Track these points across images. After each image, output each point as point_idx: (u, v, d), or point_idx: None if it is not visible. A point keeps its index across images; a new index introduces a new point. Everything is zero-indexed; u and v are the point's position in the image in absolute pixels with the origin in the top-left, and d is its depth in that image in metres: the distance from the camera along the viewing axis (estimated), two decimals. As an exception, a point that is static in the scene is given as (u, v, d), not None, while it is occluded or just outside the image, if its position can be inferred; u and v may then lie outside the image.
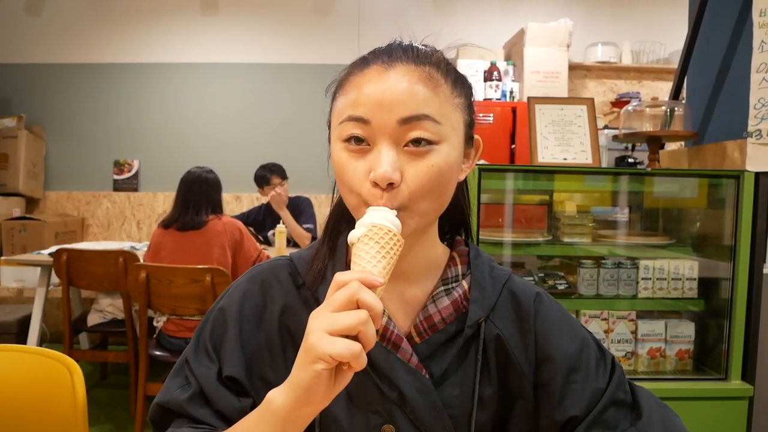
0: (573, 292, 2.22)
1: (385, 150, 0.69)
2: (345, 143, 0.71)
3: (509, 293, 0.82)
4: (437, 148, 0.70)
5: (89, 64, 4.87)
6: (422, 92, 0.70)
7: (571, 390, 0.78)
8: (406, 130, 0.69)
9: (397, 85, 0.70)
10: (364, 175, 0.70)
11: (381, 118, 0.69)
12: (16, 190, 4.56)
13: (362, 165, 0.70)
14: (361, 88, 0.71)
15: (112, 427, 2.97)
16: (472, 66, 4.08)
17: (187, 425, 0.75)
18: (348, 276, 0.60)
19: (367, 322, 0.58)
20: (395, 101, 0.69)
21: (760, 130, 2.00)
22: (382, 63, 0.72)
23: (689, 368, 2.19)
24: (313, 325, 0.59)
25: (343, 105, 0.73)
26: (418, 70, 0.71)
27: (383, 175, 0.68)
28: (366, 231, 0.65)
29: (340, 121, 0.72)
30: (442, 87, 0.72)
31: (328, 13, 4.87)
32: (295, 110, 4.78)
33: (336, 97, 0.76)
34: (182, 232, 2.76)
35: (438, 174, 0.70)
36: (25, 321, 3.60)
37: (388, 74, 0.71)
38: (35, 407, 1.06)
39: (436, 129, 0.70)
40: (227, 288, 0.85)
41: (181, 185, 2.86)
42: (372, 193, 0.69)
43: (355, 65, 0.75)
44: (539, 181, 2.27)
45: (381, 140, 0.70)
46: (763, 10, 2.01)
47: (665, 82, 4.60)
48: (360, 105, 0.70)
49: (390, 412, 0.76)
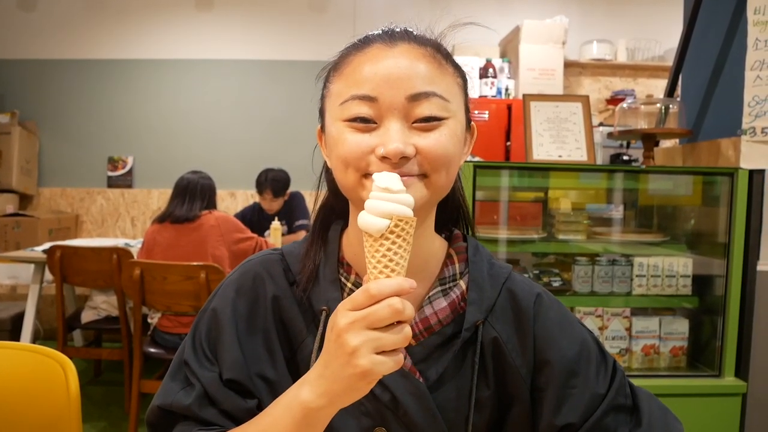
0: (568, 289, 2.23)
1: (394, 126, 0.67)
2: (348, 122, 0.69)
3: (508, 293, 0.80)
4: (446, 122, 0.70)
5: (83, 60, 4.85)
6: (428, 70, 0.69)
7: (570, 395, 0.76)
8: (414, 107, 0.68)
9: (402, 61, 0.69)
10: (368, 149, 0.68)
11: (389, 95, 0.67)
12: (9, 187, 4.54)
13: (367, 139, 0.68)
14: (363, 66, 0.69)
15: (106, 424, 2.97)
16: (467, 63, 4.08)
17: (196, 428, 0.73)
18: (385, 289, 0.59)
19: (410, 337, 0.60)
20: (402, 77, 0.68)
21: (755, 127, 2.01)
22: (383, 42, 0.71)
23: (683, 365, 2.20)
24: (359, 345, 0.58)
25: (342, 86, 0.71)
26: (421, 49, 0.71)
27: (395, 149, 0.66)
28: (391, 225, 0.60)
29: (341, 101, 0.70)
30: (445, 66, 0.72)
31: (323, 10, 4.85)
32: (289, 107, 4.77)
33: (331, 80, 0.74)
34: (176, 225, 2.76)
35: (450, 144, 0.70)
36: (18, 318, 3.59)
37: (392, 51, 0.69)
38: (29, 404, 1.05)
39: (444, 105, 0.69)
40: (220, 284, 0.83)
41: (175, 186, 2.89)
42: (379, 166, 0.67)
43: (353, 46, 0.73)
44: (534, 178, 2.28)
45: (389, 117, 0.68)
46: (758, 8, 2.01)
47: (660, 79, 4.61)
48: (365, 82, 0.68)
49: (382, 415, 0.75)
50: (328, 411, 0.63)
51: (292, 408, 0.64)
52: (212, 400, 0.74)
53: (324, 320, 0.75)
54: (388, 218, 0.60)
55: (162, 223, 2.81)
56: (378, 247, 0.61)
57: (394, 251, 0.60)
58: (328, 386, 0.61)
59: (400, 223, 0.60)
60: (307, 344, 0.77)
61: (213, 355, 0.77)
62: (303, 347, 0.78)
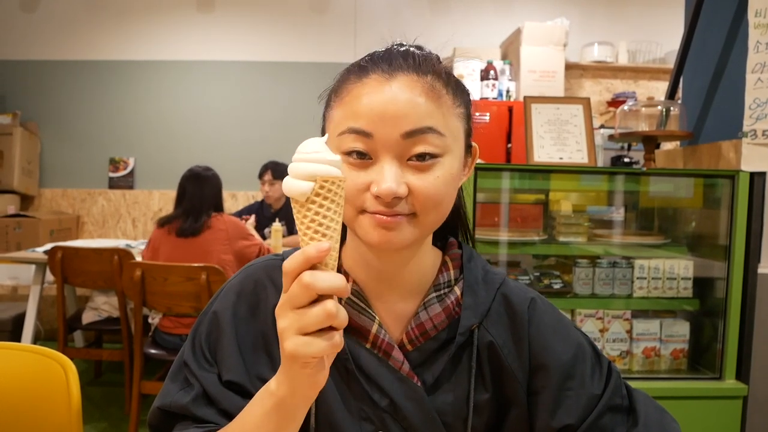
0: (568, 291, 2.23)
1: (387, 165, 0.67)
2: (345, 156, 0.69)
3: (503, 298, 0.81)
4: (441, 161, 0.69)
5: (84, 61, 4.85)
6: (425, 105, 0.68)
7: (566, 398, 0.77)
8: (409, 144, 0.68)
9: (399, 96, 0.68)
10: (364, 187, 0.68)
11: (384, 132, 0.67)
12: (10, 188, 4.54)
13: (363, 177, 0.68)
14: (360, 99, 0.69)
15: (106, 425, 2.97)
16: (468, 65, 4.07)
17: (192, 426, 0.74)
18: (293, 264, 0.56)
19: (335, 313, 0.55)
20: (398, 114, 0.67)
21: (755, 130, 2.01)
22: (382, 72, 0.70)
23: (684, 367, 2.20)
24: (285, 327, 0.57)
25: (341, 115, 0.71)
26: (420, 80, 0.69)
27: (388, 190, 0.66)
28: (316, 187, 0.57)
29: (338, 132, 0.70)
30: (444, 98, 0.71)
31: (324, 11, 4.86)
32: (290, 108, 4.77)
33: (331, 105, 0.74)
34: (181, 239, 2.76)
35: (444, 185, 0.69)
36: (19, 319, 3.59)
37: (389, 85, 0.68)
38: (29, 405, 1.05)
39: (439, 142, 0.69)
40: (221, 288, 0.84)
41: (182, 185, 2.86)
42: (373, 202, 0.68)
43: (351, 72, 0.73)
44: (535, 180, 2.28)
45: (384, 154, 0.68)
46: (759, 10, 2.01)
47: (661, 81, 4.61)
48: (361, 116, 0.68)
49: (382, 419, 0.75)
50: (293, 401, 0.62)
51: (263, 398, 0.64)
52: (211, 400, 0.75)
53: None
54: (312, 180, 0.57)
55: (165, 227, 2.80)
56: (305, 212, 0.57)
57: (323, 215, 0.57)
58: (284, 373, 0.61)
59: (326, 184, 0.57)
60: None
61: (212, 357, 0.77)
62: None
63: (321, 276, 0.56)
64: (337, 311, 0.56)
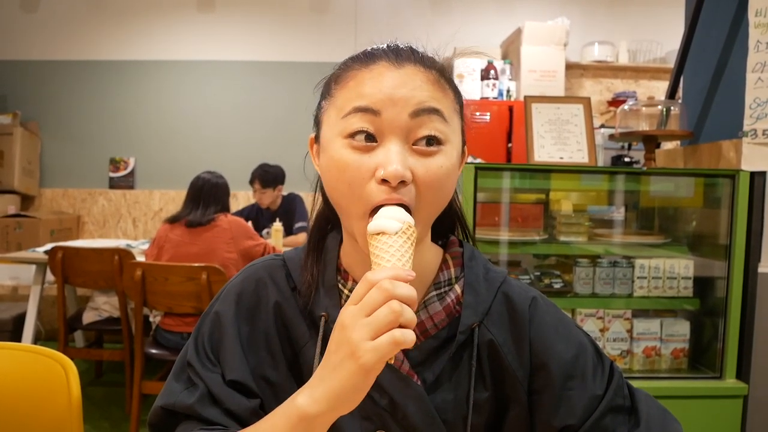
0: (569, 290, 2.23)
1: (394, 147, 0.67)
2: (349, 139, 0.69)
3: (504, 297, 0.80)
4: (444, 149, 0.70)
5: (85, 61, 4.86)
6: (433, 91, 0.70)
7: (568, 397, 0.76)
8: (416, 125, 0.68)
9: (408, 81, 0.69)
10: (369, 175, 0.68)
11: (392, 111, 0.67)
12: (11, 187, 4.55)
13: (367, 163, 0.68)
14: (367, 82, 0.69)
15: (107, 425, 2.97)
16: (468, 64, 4.07)
17: (198, 427, 0.73)
18: (379, 275, 0.59)
19: (402, 311, 0.58)
20: (407, 96, 0.68)
21: (756, 129, 2.01)
22: (389, 60, 0.70)
23: (684, 367, 2.20)
24: (359, 339, 0.58)
25: (345, 98, 0.70)
26: (427, 72, 0.70)
27: (395, 171, 0.66)
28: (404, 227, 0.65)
29: (343, 114, 0.69)
30: (447, 92, 0.72)
31: (325, 11, 4.86)
32: (291, 108, 4.77)
33: (332, 93, 0.73)
34: (190, 229, 2.78)
35: (446, 175, 0.70)
36: (20, 319, 3.59)
37: (398, 71, 0.69)
38: (30, 405, 1.05)
39: (444, 128, 0.70)
40: (223, 287, 0.84)
41: (191, 187, 2.91)
42: (378, 189, 0.67)
43: (356, 60, 0.73)
44: (536, 180, 2.28)
45: (390, 136, 0.68)
46: (759, 10, 2.01)
47: (661, 81, 4.61)
48: (369, 96, 0.68)
49: (382, 418, 0.75)
50: (326, 417, 0.62)
51: (289, 414, 0.64)
52: (215, 400, 0.74)
53: (323, 326, 0.76)
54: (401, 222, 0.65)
55: (174, 223, 2.83)
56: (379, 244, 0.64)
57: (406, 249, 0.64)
58: (328, 387, 0.61)
59: (409, 230, 0.65)
60: (309, 348, 0.78)
61: (215, 357, 0.77)
62: (305, 351, 0.78)
63: (401, 284, 0.59)
64: (402, 309, 0.58)
